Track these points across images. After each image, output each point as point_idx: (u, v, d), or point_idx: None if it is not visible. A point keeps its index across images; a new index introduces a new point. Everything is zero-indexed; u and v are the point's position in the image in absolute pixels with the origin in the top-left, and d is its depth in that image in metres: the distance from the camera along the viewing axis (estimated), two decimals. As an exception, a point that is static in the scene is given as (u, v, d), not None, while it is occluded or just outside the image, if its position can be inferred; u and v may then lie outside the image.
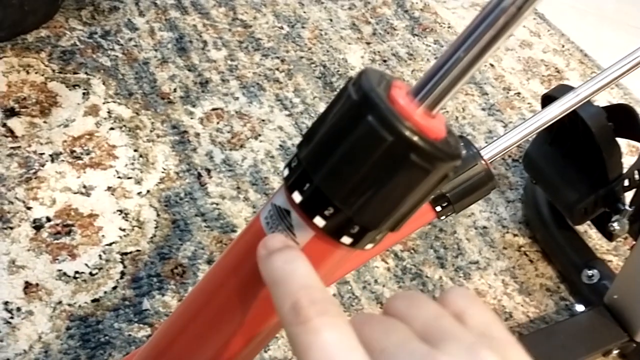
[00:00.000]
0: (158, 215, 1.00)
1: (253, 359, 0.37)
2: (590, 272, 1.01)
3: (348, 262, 0.43)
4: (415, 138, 0.28)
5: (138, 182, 1.03)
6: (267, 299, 0.34)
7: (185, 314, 0.36)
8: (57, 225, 0.95)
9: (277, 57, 1.32)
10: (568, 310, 1.02)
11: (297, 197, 0.31)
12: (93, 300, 0.88)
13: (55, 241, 0.93)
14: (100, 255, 0.93)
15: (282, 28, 1.39)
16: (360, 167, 0.29)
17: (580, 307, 1.01)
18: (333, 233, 0.30)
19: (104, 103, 1.14)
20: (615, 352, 0.97)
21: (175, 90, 1.20)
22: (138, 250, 0.95)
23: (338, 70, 1.32)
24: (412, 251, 1.04)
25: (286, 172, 0.32)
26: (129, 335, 0.86)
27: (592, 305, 0.98)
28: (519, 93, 1.38)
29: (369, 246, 0.32)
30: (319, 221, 0.30)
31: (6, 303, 0.86)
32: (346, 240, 0.31)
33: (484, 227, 1.11)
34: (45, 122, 1.08)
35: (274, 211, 0.32)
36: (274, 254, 0.29)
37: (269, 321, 0.34)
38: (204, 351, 0.35)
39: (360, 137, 0.28)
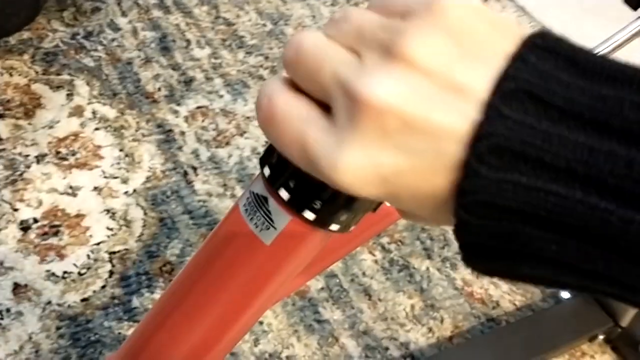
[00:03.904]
0: (145, 214, 1.00)
1: (235, 345, 0.38)
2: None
3: (332, 249, 0.44)
4: None
5: (124, 182, 1.04)
6: (248, 286, 0.35)
7: (168, 304, 0.37)
8: (45, 226, 0.95)
9: (261, 55, 1.32)
10: (554, 298, 1.03)
11: (274, 183, 0.31)
12: (82, 300, 0.89)
13: (43, 242, 0.93)
14: (88, 255, 0.93)
15: (265, 25, 1.39)
16: None
17: (565, 294, 1.02)
18: (310, 217, 0.31)
19: (88, 104, 1.14)
20: (601, 337, 0.98)
21: (159, 89, 1.20)
22: (126, 249, 0.95)
23: (322, 66, 1.33)
24: (399, 243, 1.05)
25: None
26: (119, 333, 0.86)
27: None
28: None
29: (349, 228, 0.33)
30: (296, 206, 0.31)
31: (-5, 305, 0.86)
32: (323, 223, 0.31)
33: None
34: (29, 124, 1.08)
35: (252, 198, 0.33)
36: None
37: (250, 307, 0.35)
38: (187, 339, 0.35)
39: None
